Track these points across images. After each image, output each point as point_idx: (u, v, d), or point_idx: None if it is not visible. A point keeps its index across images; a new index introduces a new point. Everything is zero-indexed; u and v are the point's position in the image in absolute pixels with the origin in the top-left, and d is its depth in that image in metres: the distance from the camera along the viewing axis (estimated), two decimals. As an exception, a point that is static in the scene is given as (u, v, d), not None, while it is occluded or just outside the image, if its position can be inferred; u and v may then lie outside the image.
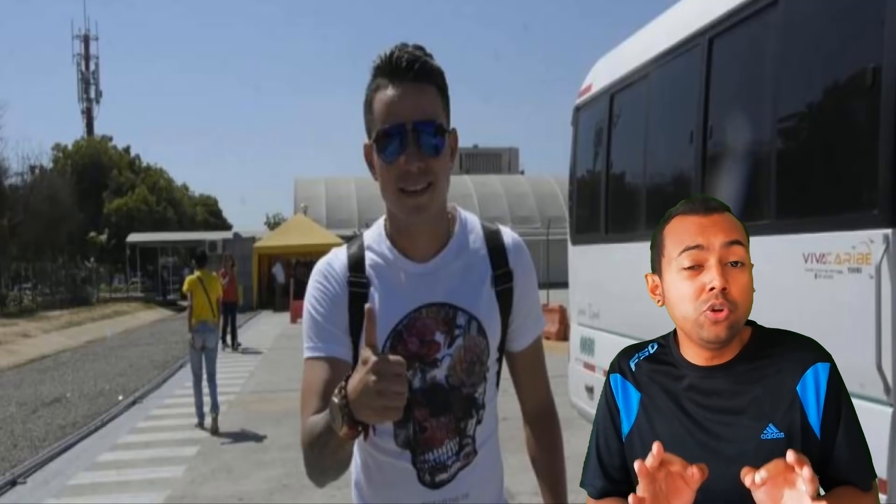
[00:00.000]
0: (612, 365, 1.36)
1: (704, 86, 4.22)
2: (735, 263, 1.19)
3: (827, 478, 1.20)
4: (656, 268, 1.28)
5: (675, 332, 1.31)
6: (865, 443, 1.21)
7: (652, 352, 1.32)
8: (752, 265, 1.23)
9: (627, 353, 1.35)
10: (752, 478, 1.03)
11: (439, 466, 1.53)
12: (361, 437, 1.26)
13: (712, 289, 1.17)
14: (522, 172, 45.90)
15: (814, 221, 3.33)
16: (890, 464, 2.77)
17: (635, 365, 1.32)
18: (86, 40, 66.57)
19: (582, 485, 1.38)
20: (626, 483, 1.30)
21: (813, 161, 3.47)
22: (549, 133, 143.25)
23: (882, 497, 2.80)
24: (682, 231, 1.23)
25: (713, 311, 1.17)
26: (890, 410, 2.80)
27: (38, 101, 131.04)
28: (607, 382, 1.34)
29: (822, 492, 1.19)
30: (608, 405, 1.33)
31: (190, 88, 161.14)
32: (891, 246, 2.79)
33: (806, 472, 0.99)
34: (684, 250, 1.20)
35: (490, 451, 1.60)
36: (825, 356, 1.21)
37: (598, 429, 1.35)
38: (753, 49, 3.98)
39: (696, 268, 1.19)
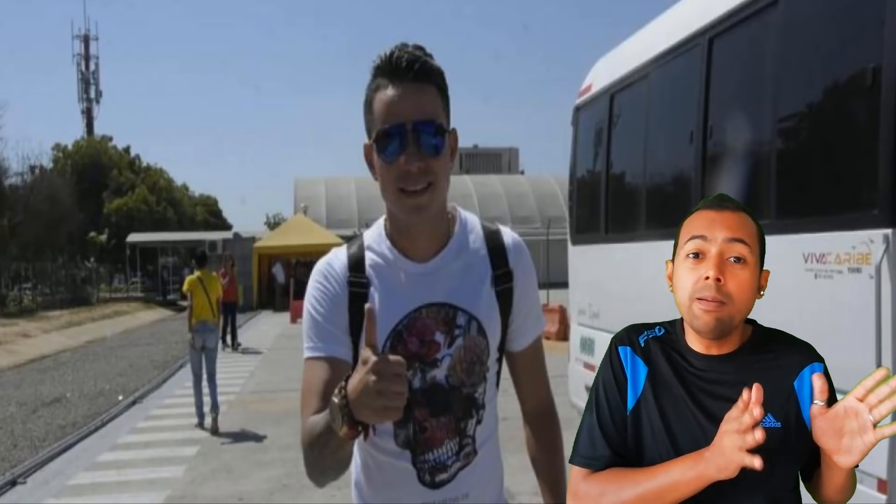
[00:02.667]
0: (619, 338, 1.37)
1: (704, 86, 4.22)
2: (738, 260, 1.23)
3: (813, 463, 1.26)
4: (673, 256, 1.34)
5: (682, 319, 1.34)
6: None
7: (659, 334, 1.36)
8: (765, 270, 1.27)
9: (636, 329, 1.38)
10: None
11: (439, 466, 1.53)
12: (361, 437, 1.26)
13: (707, 278, 1.22)
14: (522, 172, 45.88)
15: (814, 221, 3.33)
16: (890, 464, 2.77)
17: (644, 342, 1.35)
18: (86, 40, 66.58)
19: (572, 460, 1.35)
20: (625, 457, 1.30)
21: (813, 161, 3.46)
22: (549, 133, 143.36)
23: (882, 497, 2.80)
24: (693, 222, 1.29)
25: (706, 300, 1.22)
26: (890, 410, 2.80)
27: (38, 101, 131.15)
28: (615, 353, 1.35)
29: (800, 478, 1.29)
30: (615, 375, 1.33)
31: (190, 88, 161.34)
32: (891, 246, 2.79)
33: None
34: (690, 238, 1.27)
35: (490, 451, 1.60)
36: (819, 357, 1.30)
37: (601, 399, 1.34)
38: (753, 49, 3.98)
39: (699, 257, 1.25)
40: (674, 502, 1.20)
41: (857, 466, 1.16)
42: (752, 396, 1.10)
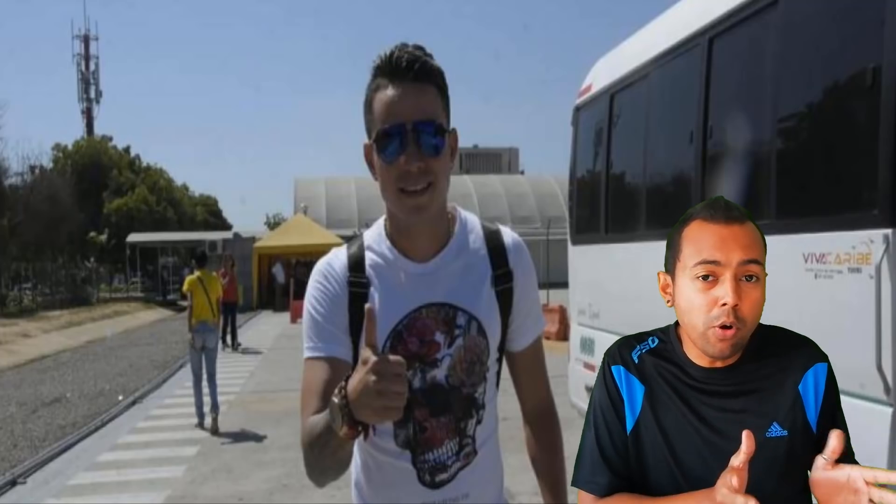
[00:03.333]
0: (611, 356, 1.32)
1: (704, 86, 4.22)
2: (750, 278, 1.19)
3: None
4: (669, 268, 1.28)
5: (675, 326, 1.31)
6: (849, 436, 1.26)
7: (653, 346, 1.31)
8: (766, 275, 1.23)
9: (628, 344, 1.33)
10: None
11: (439, 466, 1.53)
12: (361, 437, 1.26)
13: (724, 304, 1.17)
14: (522, 172, 45.91)
15: (814, 221, 3.32)
16: (890, 464, 2.77)
17: (638, 357, 1.30)
18: (86, 40, 66.61)
19: (577, 483, 1.33)
20: (629, 479, 1.29)
21: (813, 161, 3.46)
22: (549, 133, 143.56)
23: (882, 497, 2.79)
24: (700, 239, 1.21)
25: (722, 328, 1.17)
26: (890, 410, 2.80)
27: (38, 101, 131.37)
28: (608, 374, 1.30)
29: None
30: (611, 397, 1.29)
31: (190, 88, 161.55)
32: (891, 246, 2.79)
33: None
34: (700, 262, 1.20)
35: (490, 451, 1.60)
36: (823, 356, 1.25)
37: (599, 422, 1.30)
38: (753, 49, 3.98)
39: (710, 279, 1.19)
40: None
41: None
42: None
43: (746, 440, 1.06)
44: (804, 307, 3.16)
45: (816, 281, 3.15)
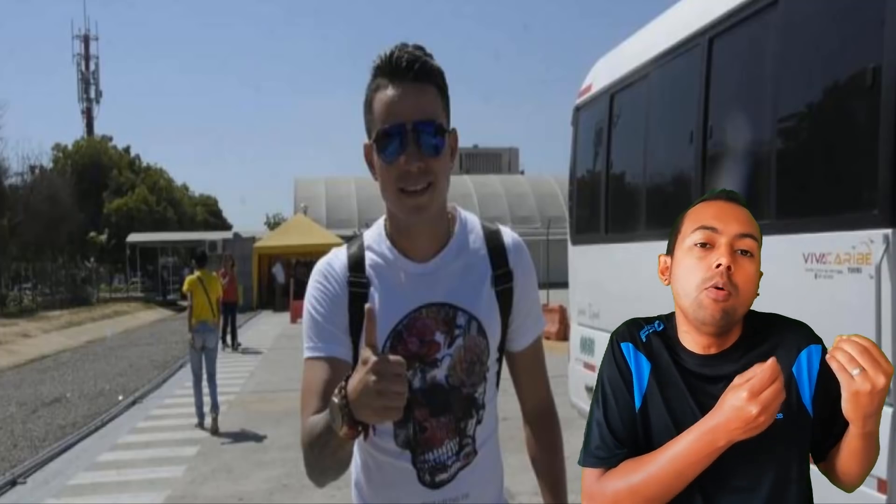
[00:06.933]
0: (620, 334, 1.35)
1: (704, 86, 4.22)
2: (745, 253, 1.23)
3: (823, 449, 1.25)
4: (671, 249, 1.32)
5: (675, 316, 1.33)
6: None
7: (660, 329, 1.34)
8: (762, 273, 1.26)
9: (636, 324, 1.36)
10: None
11: (439, 466, 1.53)
12: (361, 437, 1.26)
13: (718, 266, 1.21)
14: (522, 172, 45.92)
15: (814, 221, 3.33)
16: (890, 464, 2.77)
17: (646, 337, 1.33)
18: (86, 40, 66.61)
19: (583, 462, 1.32)
20: (636, 454, 1.29)
21: (813, 161, 3.47)
22: (549, 133, 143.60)
23: (882, 497, 2.79)
24: (700, 212, 1.28)
25: (715, 289, 1.20)
26: (890, 410, 2.80)
27: (38, 101, 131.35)
28: (618, 350, 1.33)
29: (813, 466, 1.28)
30: (620, 372, 1.31)
31: (190, 88, 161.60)
32: (891, 246, 2.79)
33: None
34: (699, 228, 1.25)
35: (490, 451, 1.60)
36: (816, 338, 1.28)
37: (608, 396, 1.31)
38: (753, 49, 3.98)
39: (707, 247, 1.24)
40: (681, 475, 1.19)
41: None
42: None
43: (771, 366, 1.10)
44: (804, 307, 3.14)
45: (816, 281, 3.15)
